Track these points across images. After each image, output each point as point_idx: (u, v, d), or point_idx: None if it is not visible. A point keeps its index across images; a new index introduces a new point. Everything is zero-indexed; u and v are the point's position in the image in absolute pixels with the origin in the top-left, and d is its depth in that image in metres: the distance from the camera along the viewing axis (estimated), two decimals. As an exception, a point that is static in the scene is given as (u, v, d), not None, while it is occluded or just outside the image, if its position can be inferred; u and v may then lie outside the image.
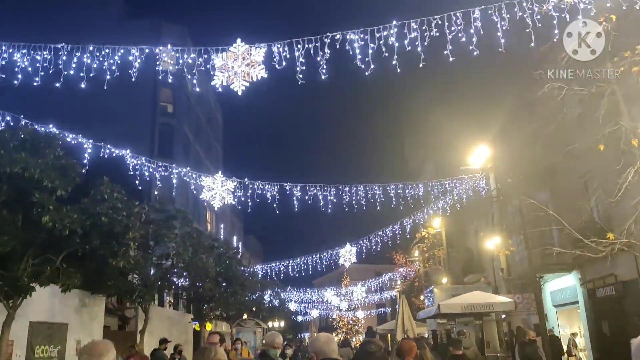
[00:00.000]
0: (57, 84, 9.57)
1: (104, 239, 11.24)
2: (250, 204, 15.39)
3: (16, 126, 11.10)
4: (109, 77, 9.50)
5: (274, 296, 39.27)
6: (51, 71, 9.58)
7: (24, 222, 10.36)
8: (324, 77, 9.05)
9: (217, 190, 14.69)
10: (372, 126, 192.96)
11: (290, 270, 30.92)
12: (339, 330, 61.96)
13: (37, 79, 9.53)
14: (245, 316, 33.50)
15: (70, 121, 15.21)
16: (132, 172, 13.96)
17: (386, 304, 60.17)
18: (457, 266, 30.08)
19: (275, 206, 15.59)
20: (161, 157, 26.96)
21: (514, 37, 9.12)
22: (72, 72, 9.54)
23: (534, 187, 17.99)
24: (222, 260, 24.30)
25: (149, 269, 17.46)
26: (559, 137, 16.16)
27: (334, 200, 16.30)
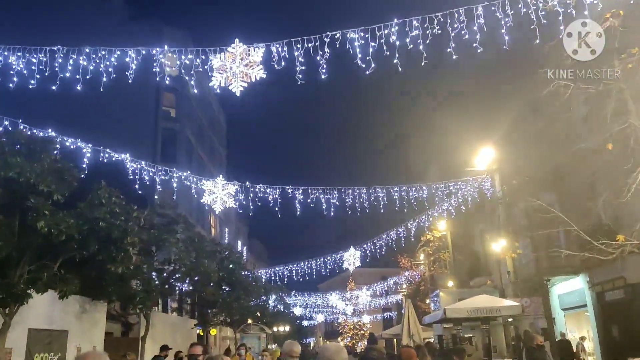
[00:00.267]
0: (54, 87, 9.41)
1: (102, 244, 11.05)
2: (252, 207, 15.23)
3: (14, 130, 10.91)
4: (107, 80, 9.32)
5: (278, 301, 39.02)
6: (47, 74, 9.42)
7: (20, 227, 10.20)
8: (324, 77, 8.88)
9: (218, 193, 14.55)
10: (374, 127, 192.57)
11: (294, 274, 30.73)
12: (344, 334, 61.71)
13: (32, 82, 9.37)
14: (249, 321, 33.28)
15: (72, 127, 15.00)
16: (132, 177, 13.81)
17: (392, 308, 59.88)
18: (463, 269, 29.79)
19: (277, 209, 15.41)
20: (164, 162, 26.77)
21: (519, 34, 8.92)
22: (77, 76, 9.35)
23: (540, 189, 17.73)
24: (225, 264, 24.11)
25: (152, 274, 17.29)
26: (565, 137, 15.92)
27: (337, 203, 16.09)
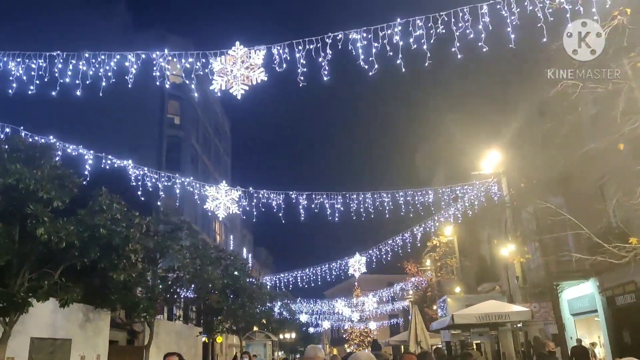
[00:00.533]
0: (53, 93, 9.29)
1: (103, 251, 10.89)
2: (255, 213, 15.06)
3: (14, 136, 10.79)
4: (112, 88, 9.21)
5: (284, 308, 38.77)
6: (47, 79, 9.31)
7: (20, 235, 10.07)
8: (326, 79, 8.73)
9: (222, 199, 14.40)
10: (378, 130, 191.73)
11: (299, 281, 30.51)
12: (350, 342, 61.23)
13: (32, 87, 9.26)
14: (255, 328, 33.06)
15: (76, 135, 14.93)
16: (135, 183, 13.67)
17: (398, 314, 59.45)
18: (471, 275, 29.45)
19: (281, 215, 15.22)
20: (169, 170, 26.77)
21: (525, 33, 8.73)
22: (77, 81, 9.23)
23: (548, 192, 17.47)
24: (230, 271, 23.92)
25: (157, 281, 17.15)
26: (573, 139, 15.67)
27: (342, 208, 15.88)
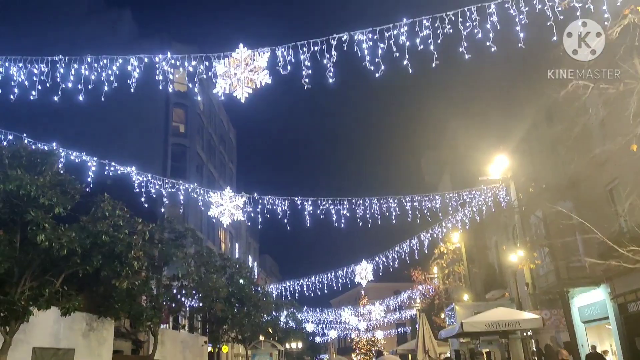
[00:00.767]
0: (55, 98, 9.17)
1: (106, 258, 10.71)
2: (260, 219, 14.86)
3: (16, 142, 10.68)
4: (116, 94, 9.09)
5: (290, 317, 38.46)
6: (48, 84, 9.21)
7: (22, 242, 9.91)
8: (331, 81, 8.57)
9: (226, 206, 14.23)
10: (384, 133, 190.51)
11: (305, 289, 30.19)
12: (357, 351, 60.73)
13: (34, 93, 9.15)
14: (261, 338, 32.75)
15: (81, 144, 14.84)
16: (139, 190, 13.54)
17: (406, 323, 58.98)
18: (478, 282, 29.11)
19: (286, 221, 15.02)
20: (174, 178, 26.71)
21: (534, 33, 8.55)
22: (79, 86, 9.11)
23: (557, 197, 17.19)
24: (235, 280, 23.70)
25: (161, 289, 16.95)
26: (582, 142, 15.43)
27: (348, 214, 15.64)
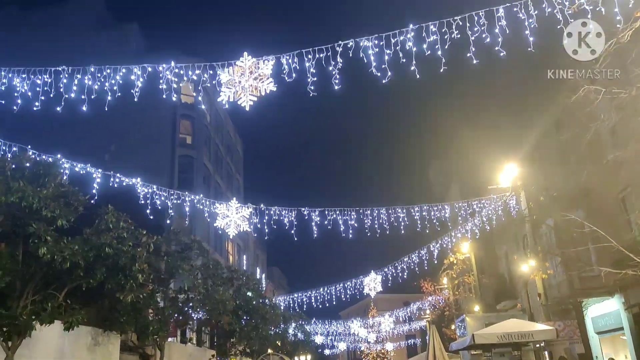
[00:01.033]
0: (59, 108, 9.10)
1: (109, 271, 10.52)
2: (267, 230, 14.68)
3: (18, 153, 10.58)
4: (122, 105, 9.00)
5: (298, 329, 38.05)
6: (52, 94, 9.13)
7: (24, 255, 9.76)
8: (337, 87, 8.41)
9: (232, 217, 14.08)
10: (392, 141, 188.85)
11: (314, 301, 29.90)
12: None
13: (37, 103, 9.09)
14: (269, 351, 32.39)
15: (87, 155, 14.75)
16: (144, 202, 13.41)
17: (416, 334, 58.34)
18: (489, 293, 28.69)
19: (293, 232, 14.82)
20: (181, 190, 26.62)
21: (543, 37, 8.38)
22: (82, 96, 9.02)
23: (568, 205, 16.88)
24: (242, 292, 23.43)
25: (167, 302, 16.74)
26: (593, 150, 15.15)
27: (356, 225, 15.44)
